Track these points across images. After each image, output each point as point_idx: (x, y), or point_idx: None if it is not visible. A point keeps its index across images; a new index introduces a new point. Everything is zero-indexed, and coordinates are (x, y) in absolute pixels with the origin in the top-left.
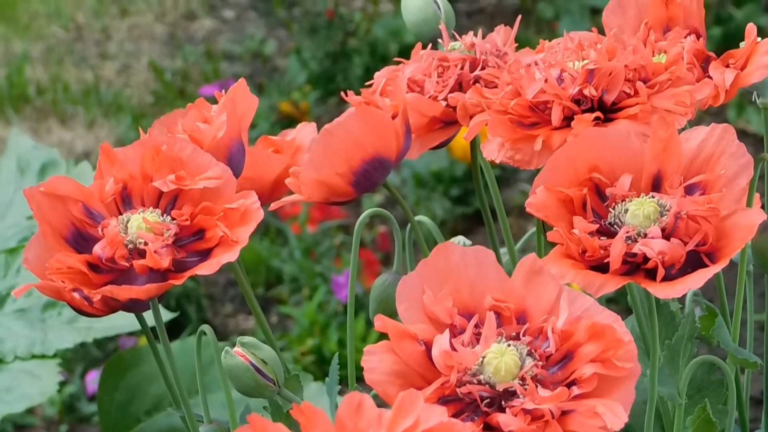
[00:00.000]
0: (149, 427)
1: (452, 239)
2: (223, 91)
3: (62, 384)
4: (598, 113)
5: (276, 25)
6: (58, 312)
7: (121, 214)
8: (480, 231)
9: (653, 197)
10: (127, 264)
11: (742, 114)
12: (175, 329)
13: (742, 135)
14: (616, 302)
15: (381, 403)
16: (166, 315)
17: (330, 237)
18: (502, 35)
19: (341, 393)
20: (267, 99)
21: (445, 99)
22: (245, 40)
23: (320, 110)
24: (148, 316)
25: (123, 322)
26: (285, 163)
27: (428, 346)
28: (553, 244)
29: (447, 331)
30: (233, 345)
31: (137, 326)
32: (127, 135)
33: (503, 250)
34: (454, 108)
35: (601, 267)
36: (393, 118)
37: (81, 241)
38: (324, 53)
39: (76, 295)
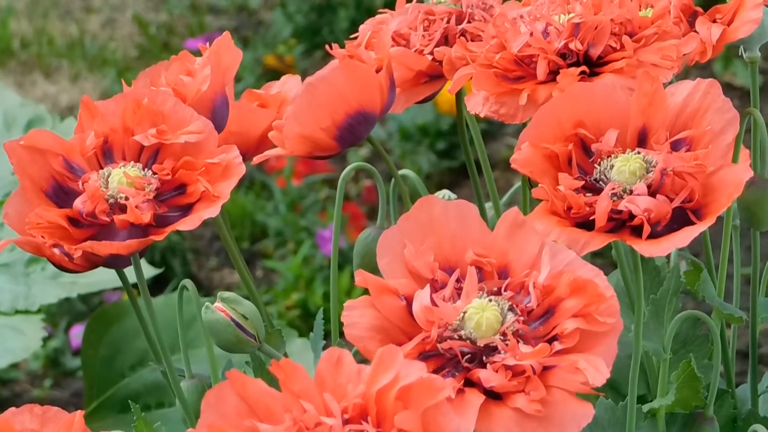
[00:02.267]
0: (134, 382)
1: (437, 193)
2: (208, 44)
3: (46, 338)
4: (583, 67)
5: None
6: (42, 267)
7: (102, 168)
8: (466, 185)
9: (639, 153)
10: (107, 219)
11: (728, 67)
12: (160, 283)
13: (729, 88)
14: (602, 256)
15: (363, 358)
16: (150, 271)
17: (315, 191)
18: None
19: (326, 348)
20: (252, 52)
21: (431, 53)
22: None
23: (306, 64)
24: (131, 272)
25: (107, 277)
26: (271, 118)
27: (409, 301)
28: (538, 200)
29: (428, 286)
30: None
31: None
32: (111, 88)
33: (489, 204)
34: (440, 62)
35: (587, 224)
36: (377, 71)
37: (62, 195)
38: (309, 6)
39: (56, 250)
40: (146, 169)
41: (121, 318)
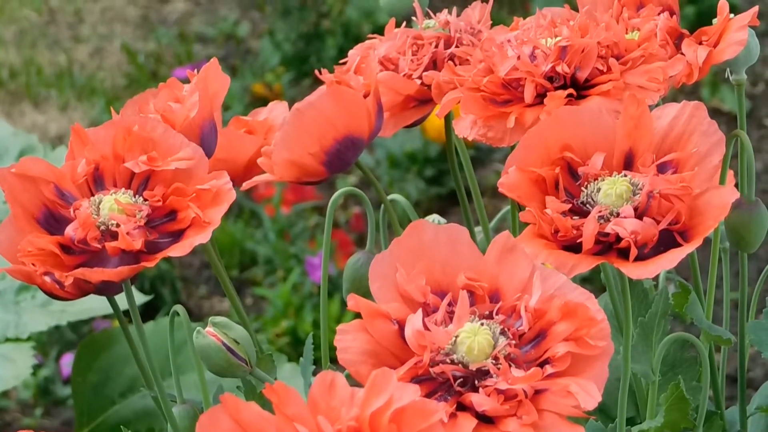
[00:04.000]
0: (124, 409)
1: (426, 218)
2: (196, 71)
3: (37, 367)
4: (570, 90)
5: (249, 6)
6: (32, 295)
7: (93, 195)
8: (454, 211)
9: (625, 176)
10: (99, 246)
11: (716, 93)
12: (149, 311)
13: (716, 114)
14: (591, 281)
15: (354, 383)
16: (140, 297)
17: (304, 218)
18: (477, 12)
19: (315, 374)
20: (240, 81)
21: (420, 77)
22: (218, 22)
23: (294, 92)
24: (121, 299)
25: (97, 305)
26: (258, 144)
27: (401, 326)
28: (526, 224)
29: (420, 310)
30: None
31: (111, 309)
32: (100, 118)
33: (478, 230)
34: (429, 86)
35: (574, 247)
36: (365, 96)
37: (53, 222)
38: (297, 35)
39: (47, 278)
40: (137, 196)
41: (111, 345)
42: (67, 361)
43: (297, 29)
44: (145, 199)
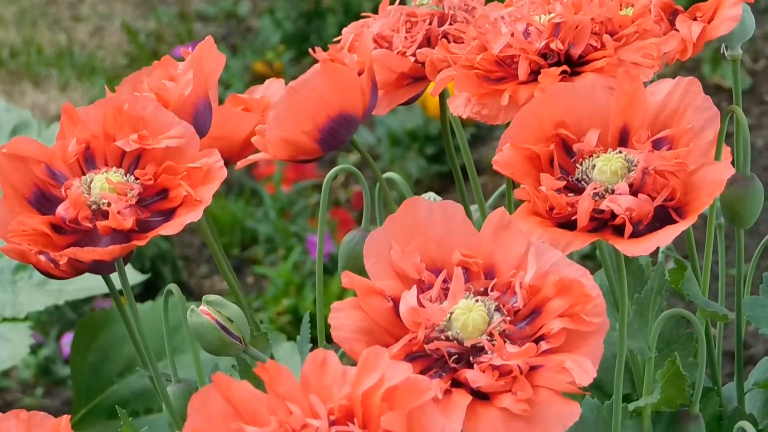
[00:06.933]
0: (122, 389)
1: (422, 195)
2: (191, 50)
3: (37, 347)
4: (564, 67)
5: None
6: (29, 275)
7: (84, 174)
8: (455, 189)
9: (620, 152)
10: (90, 225)
11: (717, 69)
12: (150, 290)
13: (718, 90)
14: (592, 258)
15: (350, 361)
16: (138, 277)
17: (305, 197)
18: None
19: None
20: (241, 59)
21: (414, 55)
22: (219, 1)
23: (294, 70)
24: (118, 278)
25: (94, 284)
26: (255, 122)
27: (396, 303)
28: (521, 201)
29: (415, 287)
30: None
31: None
32: (100, 97)
33: (474, 208)
34: (423, 64)
35: (569, 224)
36: (360, 74)
37: (44, 202)
38: (298, 13)
39: (42, 257)
40: (128, 175)
41: (109, 324)
42: (68, 340)
43: (297, 7)
44: (137, 178)
